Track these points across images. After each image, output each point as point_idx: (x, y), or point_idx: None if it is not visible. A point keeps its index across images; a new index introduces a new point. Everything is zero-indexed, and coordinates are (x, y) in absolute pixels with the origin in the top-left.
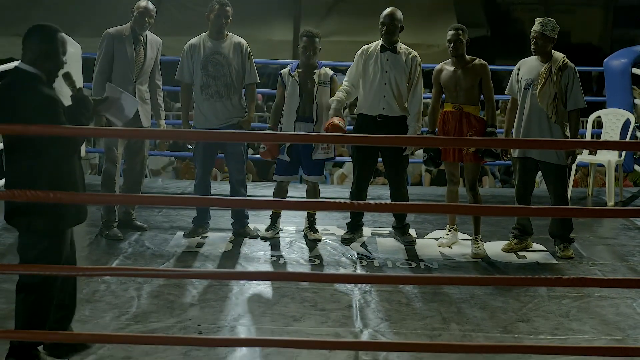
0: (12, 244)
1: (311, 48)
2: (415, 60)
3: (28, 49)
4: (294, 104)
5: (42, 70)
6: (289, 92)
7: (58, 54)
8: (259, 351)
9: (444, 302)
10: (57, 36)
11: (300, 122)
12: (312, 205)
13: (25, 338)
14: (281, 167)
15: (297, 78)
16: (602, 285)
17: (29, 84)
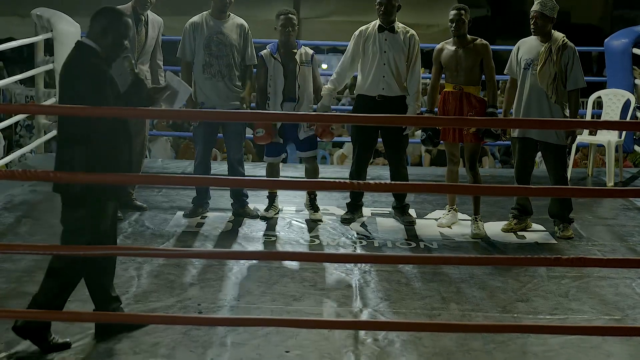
0: (12, 223)
1: (290, 25)
2: (414, 39)
3: (93, 27)
4: (280, 86)
5: (102, 48)
6: (273, 75)
7: (121, 37)
8: (259, 330)
9: (444, 282)
10: (123, 20)
11: (287, 102)
12: (311, 185)
13: (26, 317)
14: (272, 148)
15: (279, 59)
16: (602, 265)
17: (88, 57)
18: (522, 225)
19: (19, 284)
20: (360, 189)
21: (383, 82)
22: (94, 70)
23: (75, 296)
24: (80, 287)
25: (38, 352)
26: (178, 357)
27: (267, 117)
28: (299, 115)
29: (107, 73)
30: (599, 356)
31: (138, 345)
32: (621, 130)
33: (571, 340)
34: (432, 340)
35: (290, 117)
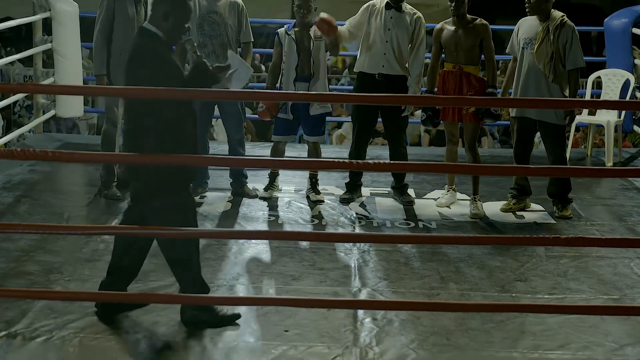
0: (11, 203)
1: (305, 7)
2: (420, 21)
3: (155, 12)
4: (293, 63)
5: (164, 32)
6: (287, 51)
7: (182, 20)
8: (258, 309)
9: (442, 261)
10: (184, 3)
11: (299, 81)
12: (311, 164)
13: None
14: (280, 126)
15: (294, 36)
16: (600, 244)
17: (151, 44)
18: (522, 205)
19: (18, 263)
20: (360, 169)
21: (384, 59)
22: (157, 58)
23: (73, 276)
24: (79, 266)
25: (38, 331)
26: (177, 336)
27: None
28: (297, 95)
29: (170, 59)
30: (597, 335)
31: (138, 324)
32: (620, 109)
33: (569, 320)
34: (431, 319)
35: (288, 97)
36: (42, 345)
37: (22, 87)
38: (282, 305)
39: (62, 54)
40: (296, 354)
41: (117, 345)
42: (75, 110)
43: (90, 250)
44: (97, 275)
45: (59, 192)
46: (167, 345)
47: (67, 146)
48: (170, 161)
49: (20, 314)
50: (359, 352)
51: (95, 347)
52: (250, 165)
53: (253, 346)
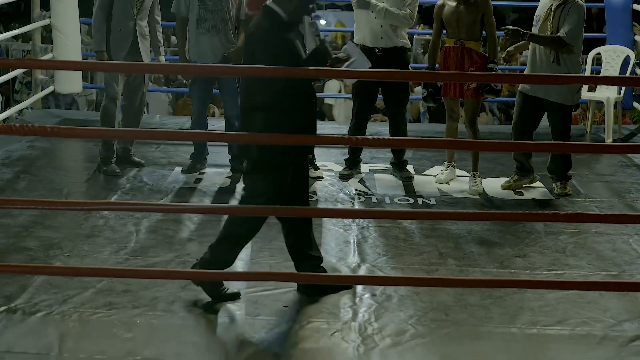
0: (11, 179)
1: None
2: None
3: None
4: None
5: (287, 13)
6: None
7: (307, 1)
8: (257, 285)
9: (442, 237)
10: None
11: None
12: (310, 139)
13: (31, 272)
14: None
15: None
16: (599, 221)
17: (273, 24)
18: (525, 181)
19: (17, 239)
20: (359, 144)
21: (381, 31)
22: (279, 38)
23: (73, 251)
24: (79, 242)
25: (37, 306)
26: (177, 311)
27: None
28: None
29: (291, 40)
30: (596, 311)
31: (137, 299)
32: (620, 85)
33: (568, 296)
34: (430, 295)
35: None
36: (42, 320)
37: (20, 63)
38: (281, 281)
39: (60, 29)
40: (295, 328)
41: (117, 321)
42: (74, 86)
43: (90, 226)
44: (96, 251)
45: (58, 168)
46: (166, 320)
47: (66, 122)
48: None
49: (20, 289)
50: (358, 328)
51: (94, 322)
52: (248, 141)
53: (252, 321)
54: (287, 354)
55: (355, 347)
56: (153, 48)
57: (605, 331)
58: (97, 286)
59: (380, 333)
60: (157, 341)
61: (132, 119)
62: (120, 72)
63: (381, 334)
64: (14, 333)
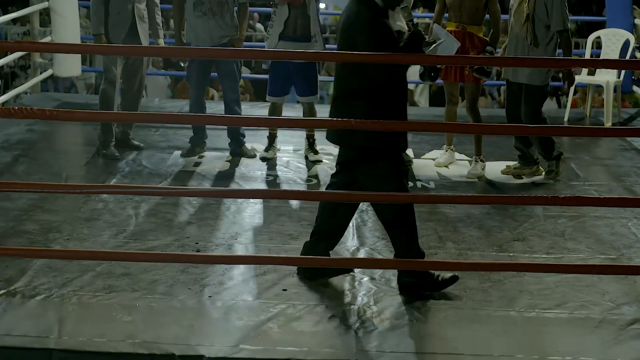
0: (9, 163)
1: None
2: None
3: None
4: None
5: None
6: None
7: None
8: (256, 268)
9: (441, 221)
10: None
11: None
12: (309, 122)
13: (30, 256)
14: (274, 87)
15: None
16: (598, 204)
17: (368, 11)
18: (527, 170)
19: (17, 222)
20: (359, 127)
21: None
22: (376, 26)
23: (72, 235)
24: (78, 225)
25: (37, 289)
26: (176, 294)
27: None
28: (287, 53)
29: (387, 28)
30: (594, 295)
31: (136, 282)
32: (619, 69)
33: (567, 279)
34: None
35: (282, 55)
36: (42, 303)
37: (19, 46)
38: (281, 264)
39: (59, 12)
40: (294, 312)
41: (116, 304)
42: (73, 69)
43: (89, 210)
44: (95, 234)
45: (58, 152)
46: (165, 304)
47: (65, 106)
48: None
49: (19, 272)
50: (357, 311)
51: (94, 305)
52: (248, 124)
53: (251, 305)
54: (285, 337)
55: (355, 330)
56: (152, 31)
57: (604, 314)
58: (96, 269)
59: (379, 316)
60: (157, 324)
61: (131, 102)
62: (119, 55)
63: (380, 317)
64: (14, 316)
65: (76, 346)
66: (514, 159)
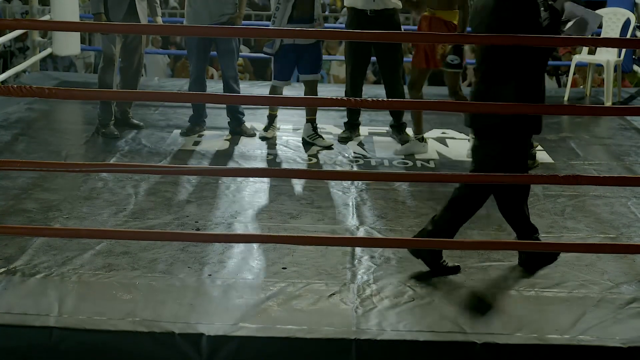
0: (9, 141)
1: None
2: None
3: None
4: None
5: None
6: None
7: None
8: (256, 247)
9: (440, 200)
10: None
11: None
12: (309, 101)
13: (30, 234)
14: (282, 72)
15: None
16: (597, 183)
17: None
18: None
19: (16, 201)
20: (358, 106)
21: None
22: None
23: (72, 213)
24: (78, 204)
25: (37, 267)
26: (176, 273)
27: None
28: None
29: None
30: (593, 274)
31: (136, 261)
32: (620, 47)
33: (566, 258)
34: None
35: (281, 34)
36: (42, 281)
37: (17, 23)
38: (280, 243)
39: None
40: (294, 290)
41: (116, 282)
42: (72, 48)
43: (89, 188)
44: (95, 213)
45: (57, 131)
46: (165, 282)
47: (64, 84)
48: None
49: (19, 251)
50: (357, 289)
51: (94, 284)
52: (248, 103)
53: (251, 283)
54: (285, 315)
55: (354, 309)
56: (150, 9)
57: (603, 293)
58: (96, 248)
59: (379, 295)
60: (156, 302)
61: (130, 81)
62: (118, 33)
63: (380, 295)
64: (14, 294)
65: (76, 324)
66: None
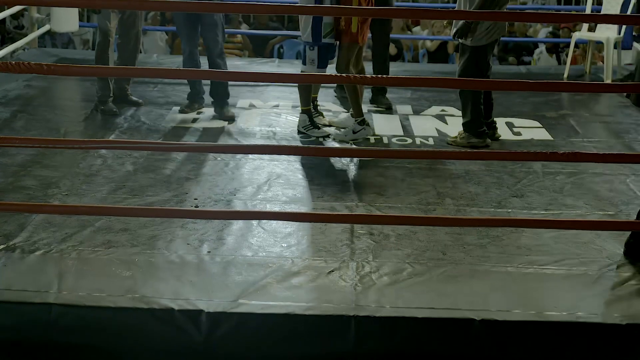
0: (7, 118)
1: None
2: None
3: None
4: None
5: None
6: None
7: None
8: (255, 224)
9: (439, 177)
10: None
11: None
12: (309, 78)
13: (29, 211)
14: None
15: None
16: (597, 160)
17: None
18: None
19: (15, 178)
20: (357, 83)
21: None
22: None
23: (71, 190)
24: (77, 181)
25: (36, 244)
26: (175, 250)
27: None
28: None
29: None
30: (592, 251)
31: (135, 238)
32: (620, 24)
33: (565, 235)
34: (427, 234)
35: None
36: (41, 258)
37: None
38: (280, 220)
39: None
40: (293, 267)
41: (115, 259)
42: (70, 25)
43: (88, 165)
44: (94, 190)
45: (56, 108)
46: (165, 259)
47: (62, 61)
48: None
49: (18, 227)
50: (356, 266)
51: (93, 260)
52: (247, 79)
53: (250, 260)
54: (284, 292)
55: (353, 286)
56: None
57: (602, 271)
58: (95, 225)
59: (378, 271)
60: (156, 279)
61: (127, 58)
62: (114, 9)
63: (379, 272)
64: (14, 271)
65: (76, 301)
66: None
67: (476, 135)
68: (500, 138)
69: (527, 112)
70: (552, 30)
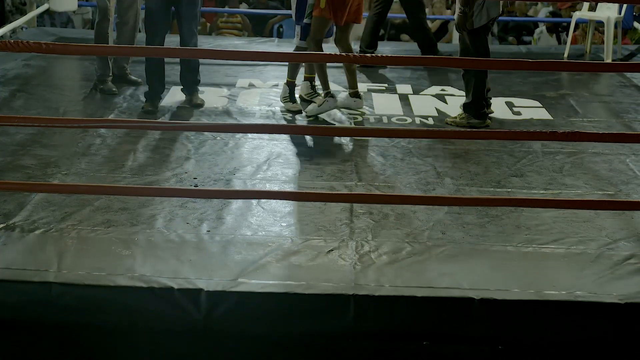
0: (6, 98)
1: None
2: None
3: None
4: None
5: None
6: None
7: None
8: (254, 203)
9: (439, 157)
10: None
11: None
12: (310, 57)
13: (29, 190)
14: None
15: None
16: (596, 140)
17: None
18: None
19: (14, 157)
20: (357, 62)
21: None
22: None
23: (70, 169)
24: (76, 160)
25: (36, 223)
26: (174, 229)
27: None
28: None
29: None
30: (591, 230)
31: (135, 217)
32: (620, 3)
33: (564, 215)
34: (427, 214)
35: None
36: (41, 237)
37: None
38: (279, 199)
39: None
40: (292, 246)
41: (115, 238)
42: (69, 4)
43: (87, 145)
44: (93, 169)
45: (55, 87)
46: (164, 238)
47: (61, 40)
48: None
49: (18, 206)
50: (355, 245)
51: (93, 239)
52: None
53: (250, 239)
54: (283, 271)
55: (352, 265)
56: None
57: (601, 250)
58: (95, 204)
59: (377, 251)
60: (155, 258)
61: (126, 37)
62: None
63: (378, 251)
64: (13, 250)
65: (75, 280)
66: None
67: (476, 116)
68: (500, 118)
69: (527, 92)
70: (553, 10)
